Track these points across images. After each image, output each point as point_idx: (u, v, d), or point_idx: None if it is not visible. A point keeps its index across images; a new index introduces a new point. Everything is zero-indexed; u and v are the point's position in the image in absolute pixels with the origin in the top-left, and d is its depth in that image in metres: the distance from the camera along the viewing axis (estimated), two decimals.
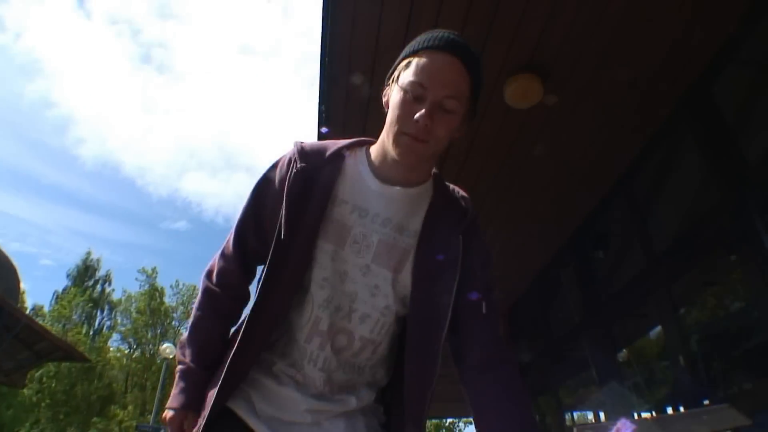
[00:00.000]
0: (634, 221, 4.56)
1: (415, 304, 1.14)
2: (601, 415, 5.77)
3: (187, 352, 1.21)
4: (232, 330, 1.24)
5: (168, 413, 1.17)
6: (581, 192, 4.77)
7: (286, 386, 1.13)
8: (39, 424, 31.44)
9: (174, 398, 1.17)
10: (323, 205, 1.12)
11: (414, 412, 1.12)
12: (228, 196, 60.39)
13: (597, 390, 5.41)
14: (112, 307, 38.85)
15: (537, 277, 6.53)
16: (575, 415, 7.36)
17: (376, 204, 1.15)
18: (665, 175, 4.32)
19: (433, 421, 34.04)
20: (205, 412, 1.10)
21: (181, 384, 1.18)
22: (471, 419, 2.42)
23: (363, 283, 1.14)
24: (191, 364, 1.19)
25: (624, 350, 5.46)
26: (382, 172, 1.17)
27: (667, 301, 4.18)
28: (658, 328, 4.62)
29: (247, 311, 1.16)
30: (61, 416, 31.83)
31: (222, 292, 1.24)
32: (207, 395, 1.14)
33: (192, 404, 1.15)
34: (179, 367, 1.21)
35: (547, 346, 6.66)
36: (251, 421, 1.11)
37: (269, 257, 1.11)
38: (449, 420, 36.70)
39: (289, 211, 1.11)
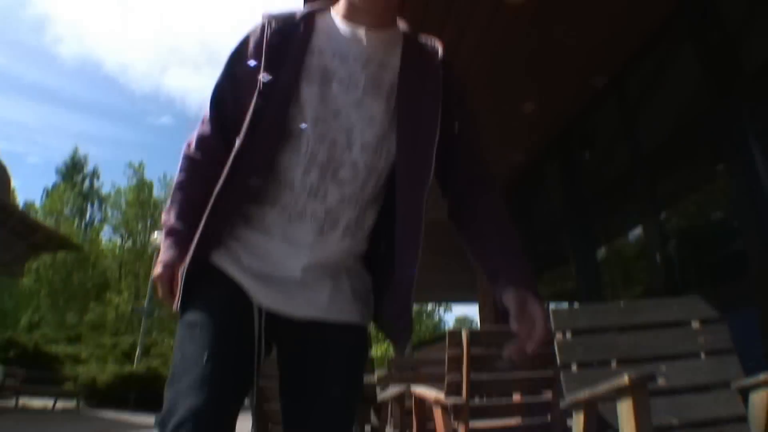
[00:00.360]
0: (623, 121, 4.55)
1: (403, 127, 1.17)
2: (576, 306, 6.04)
3: (172, 213, 1.22)
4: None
5: (157, 270, 1.17)
6: (572, 87, 4.69)
7: (276, 239, 1.12)
8: (40, 311, 32.62)
9: (162, 255, 1.19)
10: (302, 56, 1.15)
11: (407, 258, 1.15)
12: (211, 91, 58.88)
13: (574, 284, 5.65)
14: (102, 201, 39.23)
15: (522, 170, 6.58)
16: (551, 306, 7.71)
17: (355, 48, 1.19)
18: (659, 77, 4.24)
19: (414, 307, 35.56)
20: (187, 258, 1.10)
21: (167, 242, 1.20)
22: (451, 305, 2.58)
23: (358, 117, 1.15)
24: (176, 223, 1.21)
25: (603, 248, 5.62)
26: (352, 21, 1.22)
27: (650, 204, 4.26)
28: (639, 230, 4.74)
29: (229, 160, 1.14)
30: (60, 303, 32.97)
31: (202, 156, 1.26)
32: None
33: (181, 259, 1.14)
34: (164, 229, 1.22)
35: (527, 239, 6.83)
36: (237, 276, 1.10)
37: (252, 104, 1.12)
38: (429, 306, 38.52)
39: (270, 58, 1.15)
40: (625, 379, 1.48)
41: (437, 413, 2.46)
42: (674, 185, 4.32)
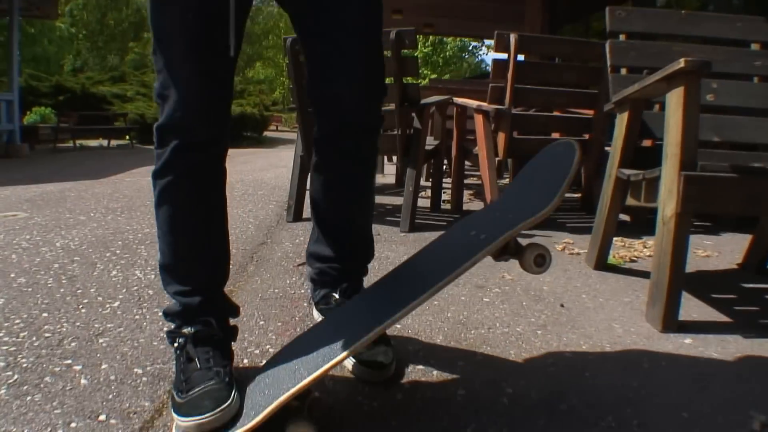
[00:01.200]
0: None
1: None
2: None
3: None
4: None
5: None
6: None
7: None
8: (81, 56, 32.91)
9: None
10: None
11: None
12: None
13: None
14: None
15: None
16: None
17: None
18: None
19: (458, 44, 34.90)
20: None
21: None
22: (492, 43, 2.44)
23: None
24: None
25: None
26: None
27: None
28: None
29: None
30: (100, 44, 33.02)
31: None
32: None
33: None
34: None
35: None
36: None
37: None
38: (473, 44, 37.60)
39: None
40: (681, 62, 1.43)
41: (478, 120, 2.48)
42: None
